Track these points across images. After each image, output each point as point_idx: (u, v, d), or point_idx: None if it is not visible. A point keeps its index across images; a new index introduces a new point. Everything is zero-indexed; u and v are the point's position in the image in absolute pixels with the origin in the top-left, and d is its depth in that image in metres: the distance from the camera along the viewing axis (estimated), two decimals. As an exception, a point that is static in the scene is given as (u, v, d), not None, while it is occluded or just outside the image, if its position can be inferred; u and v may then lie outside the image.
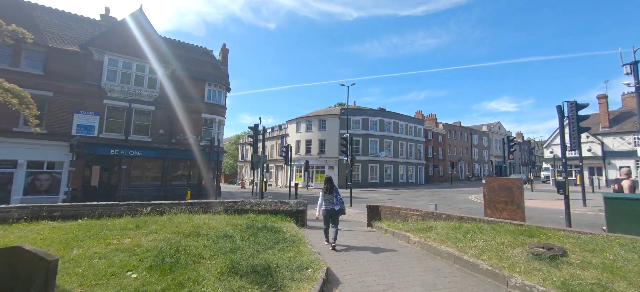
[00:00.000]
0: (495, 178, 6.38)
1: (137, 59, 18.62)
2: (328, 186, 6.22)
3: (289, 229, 6.86)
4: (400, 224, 7.29)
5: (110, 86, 17.64)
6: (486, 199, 6.44)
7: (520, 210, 5.90)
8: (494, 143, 62.22)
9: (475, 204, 15.82)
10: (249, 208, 8.34)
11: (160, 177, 19.15)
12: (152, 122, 18.97)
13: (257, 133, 11.87)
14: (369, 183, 35.18)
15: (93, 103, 17.18)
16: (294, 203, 8.59)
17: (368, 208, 8.53)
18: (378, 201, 18.27)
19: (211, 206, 8.14)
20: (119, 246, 4.72)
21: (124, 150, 17.65)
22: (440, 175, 47.68)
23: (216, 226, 6.35)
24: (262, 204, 8.53)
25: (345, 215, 7.34)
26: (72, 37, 17.87)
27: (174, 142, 19.49)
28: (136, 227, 5.96)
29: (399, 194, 23.68)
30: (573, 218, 7.60)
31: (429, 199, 18.91)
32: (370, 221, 8.44)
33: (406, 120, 41.18)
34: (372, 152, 36.54)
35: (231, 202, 8.42)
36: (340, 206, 6.17)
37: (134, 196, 17.81)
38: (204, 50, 23.80)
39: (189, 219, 6.88)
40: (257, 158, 11.55)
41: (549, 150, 33.54)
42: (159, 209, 7.50)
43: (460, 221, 6.41)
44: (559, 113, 8.27)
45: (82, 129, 16.66)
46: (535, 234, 5.15)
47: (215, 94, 22.31)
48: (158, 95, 19.21)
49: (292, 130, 39.90)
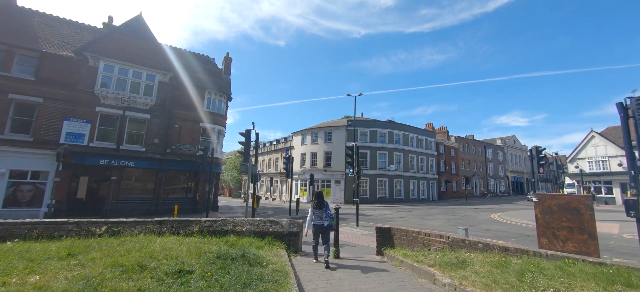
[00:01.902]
0: (552, 195, 4.70)
1: (134, 65, 17.84)
2: (317, 201, 6.11)
3: (275, 259, 5.26)
4: (421, 255, 5.59)
5: (104, 93, 16.79)
6: (540, 223, 4.73)
7: (594, 241, 4.15)
8: (509, 158, 59.20)
9: (503, 225, 13.78)
10: (231, 229, 6.80)
11: (153, 190, 17.88)
12: (146, 131, 17.94)
13: (248, 140, 10.43)
14: (378, 199, 33.11)
15: (85, 110, 16.30)
16: (287, 223, 7.01)
17: (378, 231, 6.85)
18: (388, 219, 16.40)
19: (185, 226, 6.64)
20: (15, 290, 3.24)
21: (114, 160, 16.54)
22: (454, 191, 45.03)
23: (177, 254, 4.83)
24: (248, 224, 6.98)
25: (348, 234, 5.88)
26: (69, 43, 17.32)
27: (169, 153, 18.33)
28: (68, 256, 4.50)
29: (411, 211, 21.67)
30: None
31: (446, 217, 16.90)
32: (380, 248, 6.74)
33: (416, 132, 39.33)
34: (381, 165, 34.66)
35: (210, 221, 6.91)
36: (330, 221, 5.98)
37: (123, 210, 16.55)
38: (206, 58, 23.06)
39: (148, 243, 5.40)
40: (245, 168, 10.03)
41: (574, 165, 30.93)
42: (117, 228, 6.05)
43: (505, 254, 4.69)
44: (621, 112, 6.53)
45: (71, 137, 15.70)
46: (633, 281, 3.41)
47: (216, 102, 21.30)
48: (154, 102, 18.27)
49: (297, 143, 38.58)
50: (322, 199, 6.15)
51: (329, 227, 5.97)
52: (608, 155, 28.89)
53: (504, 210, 22.00)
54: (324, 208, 6.02)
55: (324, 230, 5.97)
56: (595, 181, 29.68)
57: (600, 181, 29.31)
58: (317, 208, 6.05)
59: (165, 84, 18.93)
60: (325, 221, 5.93)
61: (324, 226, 5.93)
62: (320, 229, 5.98)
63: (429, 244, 5.90)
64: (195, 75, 21.04)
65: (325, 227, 5.94)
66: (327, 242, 5.95)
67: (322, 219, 5.95)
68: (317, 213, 6.05)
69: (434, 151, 41.83)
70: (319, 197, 6.18)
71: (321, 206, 6.04)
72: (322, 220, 5.95)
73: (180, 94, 19.60)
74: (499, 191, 54.25)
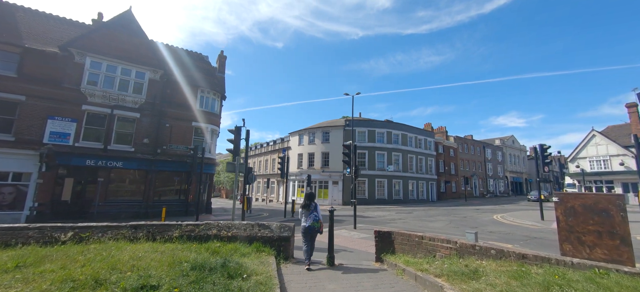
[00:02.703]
0: (576, 195, 4.09)
1: (123, 61, 17.16)
2: (307, 201, 5.96)
3: (260, 268, 4.64)
4: (425, 262, 4.98)
5: (91, 91, 16.09)
6: (562, 227, 4.13)
7: (627, 247, 3.56)
8: (508, 158, 58.85)
9: (507, 226, 13.21)
10: (215, 234, 6.16)
11: (143, 191, 17.17)
12: (136, 131, 17.24)
13: (238, 137, 9.72)
14: (376, 200, 32.51)
15: (70, 109, 15.59)
16: (276, 227, 6.38)
17: (377, 235, 6.24)
18: (387, 221, 15.79)
19: (163, 230, 6.00)
20: None
21: (102, 161, 15.84)
22: (453, 191, 44.53)
23: (146, 264, 4.20)
24: (234, 228, 6.34)
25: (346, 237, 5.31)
26: (54, 39, 16.62)
27: (159, 153, 17.64)
28: (16, 268, 3.86)
29: (411, 212, 21.08)
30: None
31: (447, 219, 16.32)
32: (380, 254, 6.12)
33: (415, 132, 38.81)
34: (379, 166, 34.08)
35: (192, 225, 6.26)
36: (312, 223, 5.80)
37: (110, 213, 15.85)
38: (199, 56, 22.41)
39: (117, 251, 4.76)
40: (232, 167, 9.30)
41: (575, 164, 30.50)
42: (84, 234, 5.40)
43: (523, 262, 4.11)
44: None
45: (55, 137, 14.98)
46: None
47: (209, 101, 20.64)
48: (144, 101, 17.58)
49: (295, 143, 37.94)
50: (312, 199, 6.02)
51: (312, 228, 5.82)
52: (609, 154, 28.49)
53: (506, 211, 21.47)
54: (311, 209, 5.90)
55: (309, 230, 5.84)
56: (597, 180, 29.27)
57: (601, 181, 28.89)
58: (306, 208, 5.93)
59: (156, 82, 18.25)
60: (308, 222, 5.80)
61: (307, 227, 5.81)
62: (306, 230, 5.85)
63: (434, 250, 5.29)
64: (187, 73, 20.38)
65: (307, 228, 5.81)
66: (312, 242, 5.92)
67: (307, 220, 5.84)
68: (305, 213, 5.94)
69: (433, 151, 41.33)
70: (309, 197, 6.04)
71: (309, 206, 5.91)
72: (307, 220, 5.84)
73: (172, 92, 18.93)
74: (498, 192, 53.84)
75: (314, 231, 5.89)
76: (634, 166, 27.17)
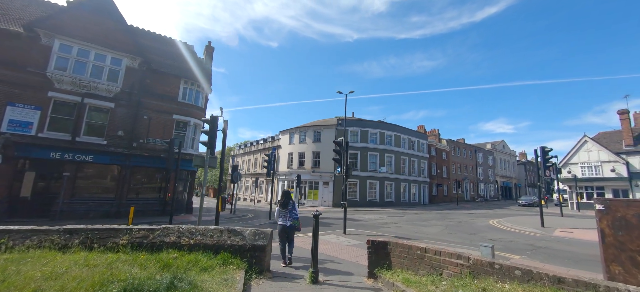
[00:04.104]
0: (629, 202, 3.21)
1: (97, 46, 15.71)
2: (285, 199, 6.04)
3: (221, 288, 3.56)
4: (430, 282, 4.01)
5: (59, 76, 14.60)
6: (609, 242, 3.26)
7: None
8: (499, 162, 59.14)
9: (506, 233, 12.44)
10: (173, 241, 5.04)
11: (116, 189, 15.75)
12: (109, 122, 15.81)
13: (214, 127, 8.45)
14: (368, 202, 31.66)
15: (34, 95, 14.08)
16: (250, 234, 5.30)
17: (370, 246, 5.23)
18: (379, 225, 14.86)
19: (106, 237, 4.84)
20: None
21: (69, 154, 14.37)
22: (445, 195, 44.18)
23: (60, 286, 3.07)
24: (198, 235, 5.23)
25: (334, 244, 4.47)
26: (18, 17, 15.04)
27: (135, 147, 16.24)
28: None
29: (403, 216, 20.25)
30: None
31: (442, 224, 15.51)
32: (373, 268, 5.12)
33: (408, 134, 38.20)
34: (372, 167, 33.26)
35: (146, 230, 5.12)
36: (293, 221, 5.94)
37: (77, 211, 14.41)
38: (183, 44, 21.05)
39: (29, 265, 3.59)
40: (200, 160, 8.05)
41: (567, 169, 30.41)
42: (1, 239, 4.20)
43: (559, 287, 3.16)
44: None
45: (15, 126, 13.46)
46: None
47: (193, 93, 19.32)
48: (120, 90, 16.16)
49: (285, 142, 36.75)
50: (289, 198, 6.09)
51: (292, 227, 5.95)
52: (601, 160, 28.45)
53: (500, 216, 20.87)
54: (289, 207, 5.96)
55: (289, 230, 5.94)
56: (588, 186, 29.20)
57: (592, 187, 28.83)
58: (283, 207, 5.97)
59: (133, 70, 16.85)
60: (288, 221, 5.90)
61: (286, 226, 5.91)
62: (284, 229, 5.93)
63: (441, 266, 4.32)
64: (170, 63, 19.02)
65: (289, 228, 5.93)
66: (291, 242, 6.03)
67: (286, 219, 5.92)
68: (282, 212, 5.99)
69: (426, 153, 40.86)
70: (286, 195, 6.09)
71: (286, 205, 5.97)
72: (286, 219, 5.92)
73: (151, 81, 17.55)
74: (489, 196, 53.92)
75: (294, 229, 6.01)
76: (624, 173, 27.18)
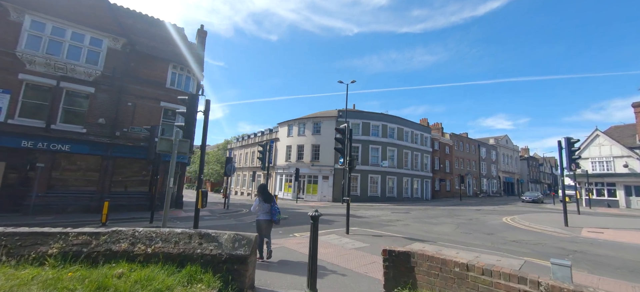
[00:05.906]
0: None
1: (74, 24, 14.23)
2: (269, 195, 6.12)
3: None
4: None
5: (31, 56, 13.16)
6: None
7: None
8: (502, 157, 57.99)
9: (528, 233, 11.20)
10: (125, 249, 3.75)
11: (97, 181, 14.45)
12: (89, 108, 14.43)
13: (193, 109, 7.11)
14: (369, 197, 30.46)
15: (3, 77, 12.66)
16: (228, 240, 4.01)
17: (388, 258, 3.93)
18: (383, 222, 13.62)
19: (30, 244, 3.55)
20: None
21: (43, 142, 13.02)
22: (448, 190, 43.04)
23: None
24: (159, 241, 3.94)
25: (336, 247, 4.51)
26: (-15, -9, 13.52)
27: (118, 136, 14.89)
28: None
29: (408, 212, 19.04)
30: None
31: (452, 221, 14.29)
32: (391, 288, 3.84)
33: (412, 126, 36.84)
34: (373, 161, 31.99)
35: (87, 235, 3.82)
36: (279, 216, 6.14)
37: (54, 205, 13.13)
38: (173, 26, 19.50)
39: None
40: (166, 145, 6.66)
41: (576, 165, 29.16)
42: None
43: None
44: None
45: (-20, 111, 12.07)
46: None
47: (183, 79, 17.87)
48: (101, 73, 14.74)
49: (283, 134, 35.39)
50: (267, 192, 6.14)
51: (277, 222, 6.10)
52: (613, 155, 27.21)
53: (509, 212, 19.72)
54: (271, 202, 6.02)
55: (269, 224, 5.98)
56: (598, 182, 28.01)
57: (603, 183, 27.65)
58: (265, 202, 5.99)
59: (116, 52, 15.39)
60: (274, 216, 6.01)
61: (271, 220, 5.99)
62: (265, 223, 5.94)
63: (491, 291, 3.03)
64: (157, 45, 17.53)
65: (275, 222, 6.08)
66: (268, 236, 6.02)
67: (269, 214, 5.95)
68: (263, 207, 5.98)
69: (430, 147, 39.59)
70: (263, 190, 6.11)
71: (268, 200, 6.02)
72: (269, 215, 5.95)
73: (136, 65, 16.10)
74: (491, 191, 52.88)
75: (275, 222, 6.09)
76: (638, 169, 25.98)
